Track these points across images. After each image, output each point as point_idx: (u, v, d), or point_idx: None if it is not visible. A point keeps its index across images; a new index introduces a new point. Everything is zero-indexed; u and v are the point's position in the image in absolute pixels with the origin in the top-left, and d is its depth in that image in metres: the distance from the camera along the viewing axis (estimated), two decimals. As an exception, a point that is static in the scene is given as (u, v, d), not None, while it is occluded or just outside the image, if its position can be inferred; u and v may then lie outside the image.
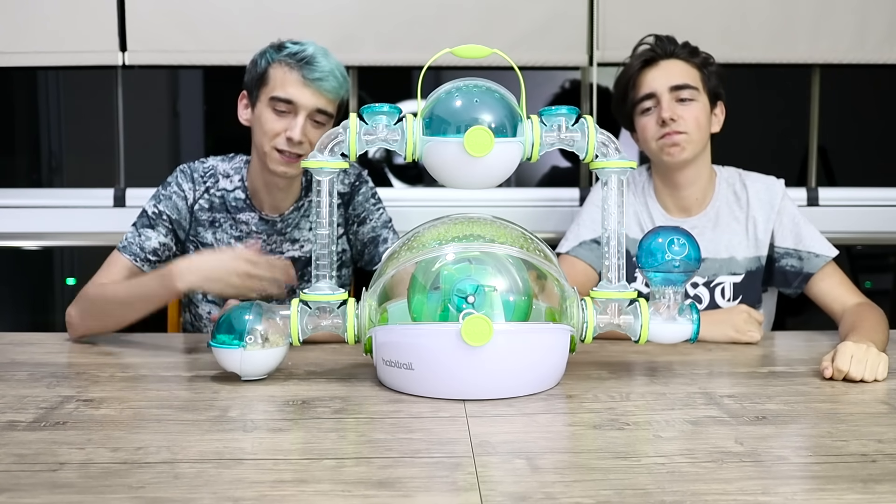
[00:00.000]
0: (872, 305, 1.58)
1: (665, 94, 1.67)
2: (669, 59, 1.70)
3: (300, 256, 1.75)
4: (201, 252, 1.67)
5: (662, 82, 1.68)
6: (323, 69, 1.59)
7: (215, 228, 1.73)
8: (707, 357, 1.44)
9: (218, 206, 1.74)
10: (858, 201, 2.29)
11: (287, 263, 1.53)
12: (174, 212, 1.72)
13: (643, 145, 1.74)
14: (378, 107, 1.21)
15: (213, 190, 1.74)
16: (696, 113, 1.67)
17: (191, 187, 1.73)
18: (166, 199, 1.72)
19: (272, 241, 1.75)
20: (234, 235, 1.73)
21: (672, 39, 1.72)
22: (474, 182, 1.22)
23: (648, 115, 1.69)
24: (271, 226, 1.74)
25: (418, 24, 2.22)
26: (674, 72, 1.69)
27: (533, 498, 0.81)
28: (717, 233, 1.73)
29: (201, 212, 1.73)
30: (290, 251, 1.75)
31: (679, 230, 1.26)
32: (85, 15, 2.19)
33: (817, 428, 1.05)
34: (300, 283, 1.75)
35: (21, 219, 2.22)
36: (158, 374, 1.30)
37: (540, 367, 1.20)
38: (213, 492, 0.82)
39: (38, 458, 0.92)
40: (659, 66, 1.70)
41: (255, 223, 1.73)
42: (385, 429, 1.03)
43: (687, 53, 1.71)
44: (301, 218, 1.75)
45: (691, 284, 1.73)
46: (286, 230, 1.74)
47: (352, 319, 1.22)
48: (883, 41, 2.24)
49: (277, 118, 1.61)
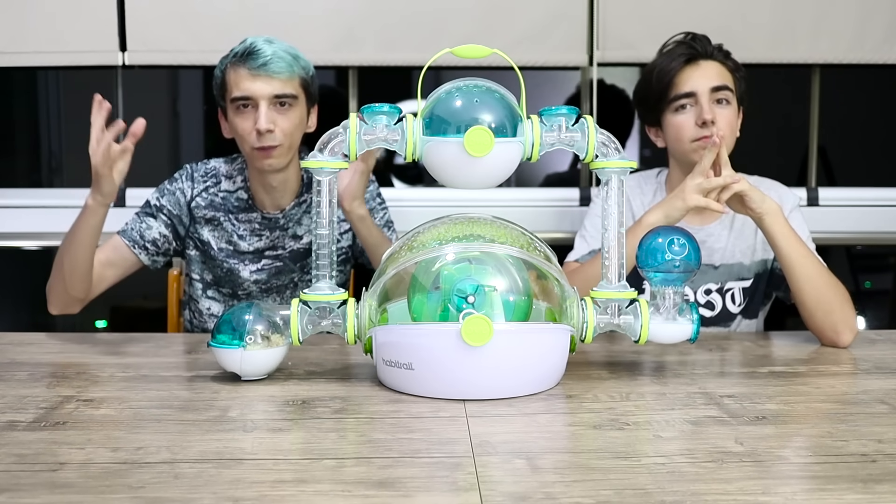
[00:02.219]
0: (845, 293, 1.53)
1: (705, 94, 1.65)
2: (709, 59, 1.69)
3: (300, 248, 1.77)
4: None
5: (704, 83, 1.66)
6: (265, 55, 1.60)
7: (213, 226, 1.74)
8: (707, 357, 1.44)
9: (218, 205, 1.74)
10: (858, 201, 2.29)
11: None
12: (175, 207, 1.74)
13: (673, 143, 1.71)
14: (378, 107, 1.21)
15: (213, 189, 1.75)
16: (731, 117, 1.67)
17: (190, 185, 1.75)
18: (169, 195, 1.75)
19: (274, 237, 1.76)
20: (233, 232, 1.74)
21: (708, 39, 1.70)
22: (474, 182, 1.22)
23: (684, 114, 1.67)
24: (273, 223, 1.75)
25: (418, 24, 2.22)
26: (713, 73, 1.67)
27: (533, 498, 0.81)
28: (731, 239, 1.73)
29: (198, 209, 1.74)
30: (291, 246, 1.76)
31: (679, 230, 1.26)
32: (85, 15, 2.19)
33: (817, 428, 1.05)
34: (301, 274, 1.76)
35: (21, 219, 2.22)
36: (158, 374, 1.30)
37: (540, 367, 1.20)
38: (213, 492, 0.82)
39: (38, 458, 0.92)
40: (699, 65, 1.68)
41: (258, 222, 1.74)
42: (385, 429, 1.03)
43: (723, 56, 1.70)
44: (303, 214, 1.76)
45: (704, 291, 1.73)
46: (288, 225, 1.75)
47: (352, 319, 1.22)
48: (883, 41, 2.24)
49: (244, 118, 1.63)
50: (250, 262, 1.76)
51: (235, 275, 1.76)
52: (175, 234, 1.75)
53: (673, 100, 1.68)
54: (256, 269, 1.76)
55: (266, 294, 1.77)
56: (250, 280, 1.76)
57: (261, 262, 1.76)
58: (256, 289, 1.76)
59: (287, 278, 1.76)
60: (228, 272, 1.76)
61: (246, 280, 1.76)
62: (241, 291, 1.77)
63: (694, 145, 1.67)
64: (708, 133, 1.64)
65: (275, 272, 1.76)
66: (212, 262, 1.77)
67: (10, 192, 2.27)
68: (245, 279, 1.76)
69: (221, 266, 1.76)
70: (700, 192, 1.52)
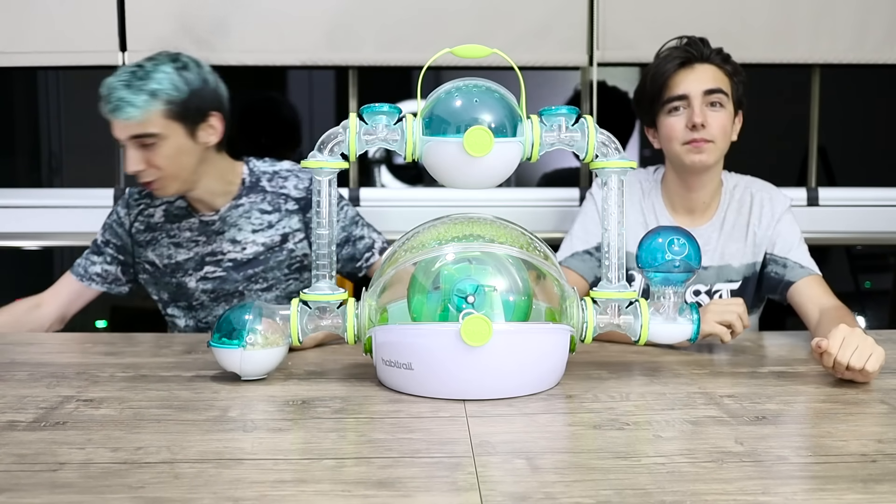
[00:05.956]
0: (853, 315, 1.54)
1: (698, 97, 1.66)
2: (704, 62, 1.69)
3: (242, 259, 1.74)
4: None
5: (697, 86, 1.66)
6: (112, 100, 1.56)
7: (153, 246, 1.75)
8: (707, 357, 1.43)
9: (154, 224, 1.75)
10: (858, 201, 2.29)
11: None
12: (118, 238, 1.78)
13: (665, 144, 1.72)
14: (378, 107, 1.21)
15: (149, 210, 1.76)
16: (724, 120, 1.67)
17: (126, 212, 1.78)
18: (109, 228, 1.80)
19: (212, 242, 1.74)
20: (171, 244, 1.74)
21: (706, 42, 1.70)
22: (474, 182, 1.22)
23: (676, 116, 1.68)
24: (209, 226, 1.73)
25: (418, 24, 2.22)
26: (707, 76, 1.67)
27: (533, 498, 0.81)
28: (721, 241, 1.73)
29: (138, 234, 1.77)
30: (231, 252, 1.74)
31: (679, 230, 1.26)
32: (85, 15, 2.19)
33: (817, 428, 1.05)
34: (247, 285, 1.75)
35: (21, 219, 2.22)
36: (158, 374, 1.30)
37: (540, 367, 1.19)
38: (213, 492, 0.82)
39: (38, 458, 0.92)
40: (694, 68, 1.68)
41: (196, 227, 1.73)
42: (385, 429, 1.03)
43: (721, 60, 1.69)
44: (240, 217, 1.74)
45: (693, 292, 1.73)
46: (224, 229, 1.73)
47: (352, 319, 1.22)
48: (883, 41, 2.24)
49: (125, 156, 1.62)
50: (194, 271, 1.74)
51: (184, 287, 1.76)
52: (122, 267, 1.79)
53: (666, 102, 1.69)
54: (201, 279, 1.75)
55: (216, 303, 1.76)
56: (199, 290, 1.75)
57: (203, 271, 1.74)
58: (206, 298, 1.76)
59: (233, 286, 1.75)
60: (178, 286, 1.76)
61: (195, 290, 1.75)
62: (195, 302, 1.77)
63: (684, 148, 1.67)
64: (698, 136, 1.65)
65: (220, 281, 1.74)
66: (162, 281, 1.78)
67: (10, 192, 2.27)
68: (193, 289, 1.75)
69: (170, 282, 1.77)
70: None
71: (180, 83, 1.59)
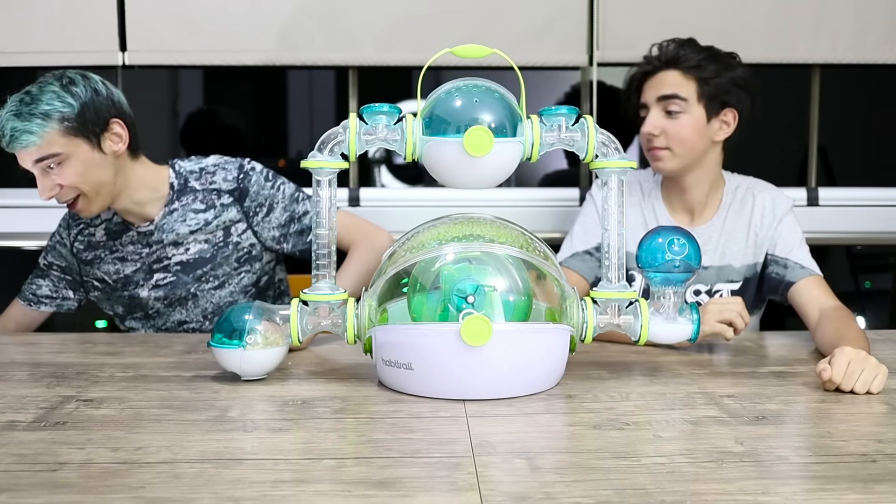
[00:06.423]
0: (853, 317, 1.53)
1: (653, 105, 1.68)
2: (667, 69, 1.69)
3: (188, 259, 1.73)
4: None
5: (652, 93, 1.69)
6: (5, 132, 1.54)
7: (98, 264, 1.74)
8: (707, 357, 1.43)
9: (95, 243, 1.74)
10: (858, 201, 2.29)
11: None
12: (62, 259, 1.78)
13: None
14: (378, 107, 1.21)
15: (89, 229, 1.75)
16: (681, 128, 1.67)
17: (67, 232, 1.77)
18: (53, 250, 1.79)
19: (154, 251, 1.72)
20: (116, 259, 1.74)
21: (691, 43, 1.70)
22: (474, 182, 1.22)
23: (644, 124, 1.71)
24: (148, 237, 1.72)
25: (418, 25, 2.22)
26: (665, 82, 1.68)
27: (533, 498, 0.81)
28: (722, 241, 1.73)
29: (80, 253, 1.76)
30: (175, 255, 1.72)
31: (679, 230, 1.26)
32: (85, 15, 2.19)
33: (817, 428, 1.05)
34: (198, 286, 1.74)
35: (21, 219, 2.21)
36: (158, 374, 1.30)
37: (540, 367, 1.19)
38: (213, 492, 0.82)
39: (38, 458, 0.92)
40: (655, 77, 1.70)
41: (136, 240, 1.72)
42: (385, 429, 1.03)
43: (693, 62, 1.67)
44: (176, 223, 1.71)
45: (693, 292, 1.73)
46: (163, 237, 1.71)
47: (352, 319, 1.22)
48: (883, 41, 2.24)
49: (38, 185, 1.60)
50: (144, 280, 1.73)
51: (137, 298, 1.74)
52: (71, 285, 1.78)
53: (638, 109, 1.73)
54: (153, 286, 1.73)
55: (171, 308, 1.75)
56: (152, 298, 1.74)
57: (154, 279, 1.73)
58: (161, 305, 1.75)
59: (184, 290, 1.74)
60: (131, 298, 1.75)
61: (148, 299, 1.74)
62: (150, 311, 1.76)
63: (648, 155, 1.71)
64: (653, 144, 1.68)
65: (171, 287, 1.74)
66: (115, 296, 1.76)
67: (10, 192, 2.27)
68: (147, 298, 1.74)
69: (123, 296, 1.75)
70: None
71: (69, 98, 1.56)
